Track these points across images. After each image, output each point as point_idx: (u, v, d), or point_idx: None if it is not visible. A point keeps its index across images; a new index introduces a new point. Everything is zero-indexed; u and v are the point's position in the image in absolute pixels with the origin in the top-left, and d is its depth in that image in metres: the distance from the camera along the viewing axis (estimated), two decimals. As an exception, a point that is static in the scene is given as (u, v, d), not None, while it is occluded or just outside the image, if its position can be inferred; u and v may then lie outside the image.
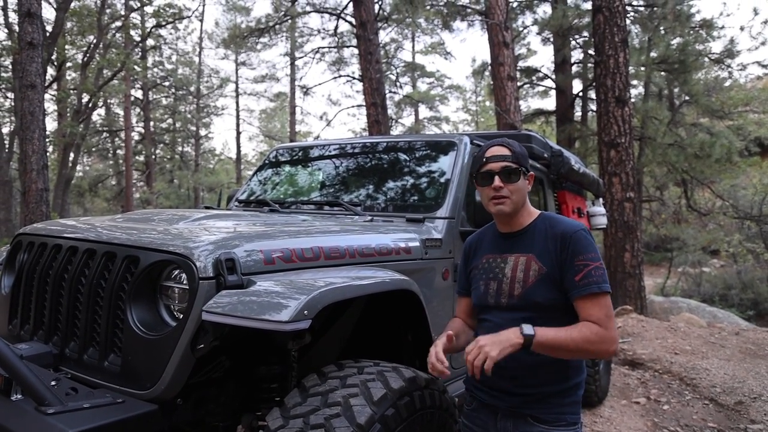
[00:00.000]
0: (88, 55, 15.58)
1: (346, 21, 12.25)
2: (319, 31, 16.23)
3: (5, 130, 16.40)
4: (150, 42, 19.75)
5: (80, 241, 1.88)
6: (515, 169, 1.58)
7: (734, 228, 16.21)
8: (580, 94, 13.88)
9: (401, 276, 1.95)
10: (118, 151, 23.56)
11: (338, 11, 12.44)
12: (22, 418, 1.42)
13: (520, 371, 1.55)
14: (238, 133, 27.11)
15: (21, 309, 2.04)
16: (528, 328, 1.38)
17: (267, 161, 3.71)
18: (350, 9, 10.90)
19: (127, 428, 1.46)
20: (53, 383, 1.57)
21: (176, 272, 1.62)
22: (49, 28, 12.11)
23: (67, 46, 14.74)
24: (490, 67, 10.06)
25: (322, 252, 1.83)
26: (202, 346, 1.53)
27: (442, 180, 2.72)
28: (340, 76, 15.95)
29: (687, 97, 13.31)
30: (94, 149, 23.67)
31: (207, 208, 3.06)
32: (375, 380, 1.52)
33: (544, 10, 14.00)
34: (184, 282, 1.58)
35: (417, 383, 1.61)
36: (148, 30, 17.81)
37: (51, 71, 13.95)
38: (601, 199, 5.32)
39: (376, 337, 2.24)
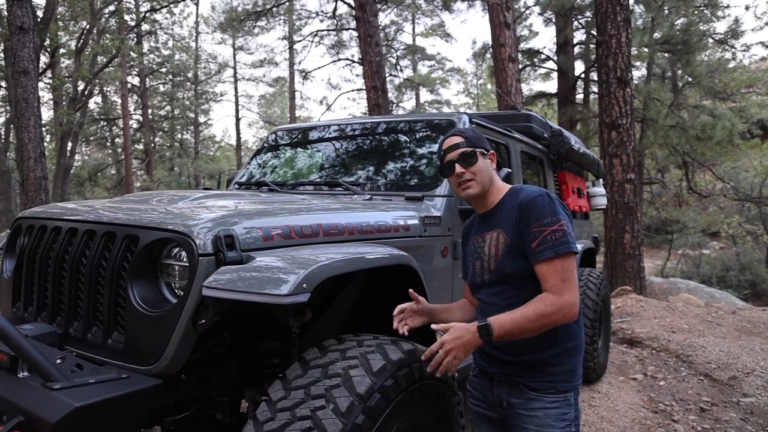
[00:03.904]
0: (81, 41, 15.40)
1: (345, 2, 12.09)
2: (317, 14, 16.05)
3: (0, 119, 16.31)
4: (145, 27, 19.52)
5: (80, 223, 1.89)
6: (471, 152, 1.65)
7: (734, 210, 16.22)
8: (582, 75, 13.77)
9: (400, 251, 1.96)
10: (117, 140, 23.48)
11: (336, -7, 12.28)
12: (29, 394, 1.45)
13: (509, 343, 1.56)
14: (238, 120, 26.99)
15: (24, 292, 2.06)
16: (484, 326, 1.43)
17: (265, 144, 3.71)
18: (348, -9, 10.75)
19: (133, 402, 1.49)
20: (59, 360, 1.60)
21: (176, 250, 1.64)
22: (39, 13, 11.95)
23: (59, 32, 14.54)
24: (491, 49, 9.96)
25: (321, 229, 1.84)
26: (203, 321, 1.55)
27: (441, 159, 2.72)
28: (339, 59, 15.82)
29: (690, 79, 13.20)
30: (92, 138, 23.58)
31: (206, 189, 3.06)
32: (374, 352, 1.54)
33: (546, -11, 13.81)
34: (184, 259, 1.59)
35: (416, 355, 1.63)
36: (143, 14, 17.58)
37: (44, 59, 13.79)
38: (601, 180, 5.32)
39: (377, 314, 2.26)
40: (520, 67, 11.43)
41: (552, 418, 1.54)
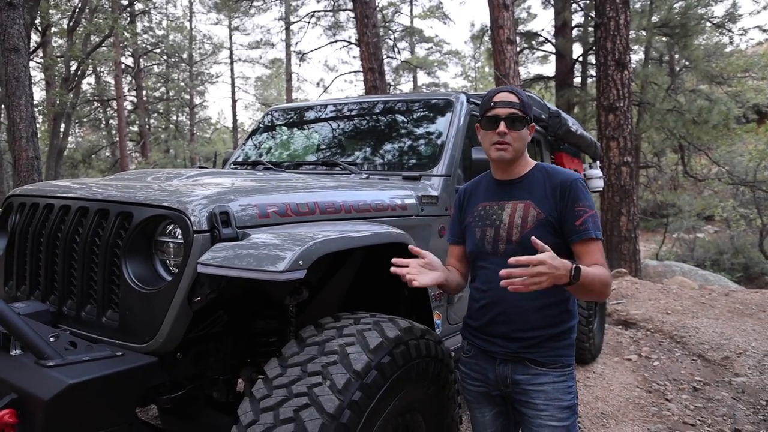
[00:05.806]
0: (73, 19, 15.06)
1: (341, -18, 11.86)
2: (313, -6, 15.78)
3: (-8, 99, 15.98)
4: (138, 6, 19.13)
5: (72, 200, 1.86)
6: (521, 117, 1.59)
7: (728, 194, 16.29)
8: (580, 58, 13.65)
9: (397, 230, 1.94)
10: (111, 121, 23.18)
11: (332, -28, 12.03)
12: (22, 372, 1.43)
13: (516, 317, 1.58)
14: (234, 102, 26.70)
15: (16, 270, 2.03)
16: (578, 269, 1.34)
17: (261, 124, 3.66)
18: (344, -31, 10.54)
19: (127, 380, 1.48)
20: (52, 338, 1.58)
21: (170, 227, 1.61)
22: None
23: (50, 10, 14.19)
24: (489, 31, 9.82)
25: (317, 207, 1.81)
26: (198, 299, 1.53)
27: (439, 138, 2.69)
28: (336, 41, 15.63)
29: (687, 63, 13.12)
30: (85, 119, 23.25)
31: (201, 167, 3.03)
32: (371, 329, 1.53)
33: (545, -30, 13.62)
34: (179, 236, 1.57)
35: (413, 333, 1.63)
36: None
37: (35, 37, 13.48)
38: (598, 162, 5.31)
39: (374, 293, 2.25)
40: (519, 49, 11.30)
41: (560, 391, 1.56)
